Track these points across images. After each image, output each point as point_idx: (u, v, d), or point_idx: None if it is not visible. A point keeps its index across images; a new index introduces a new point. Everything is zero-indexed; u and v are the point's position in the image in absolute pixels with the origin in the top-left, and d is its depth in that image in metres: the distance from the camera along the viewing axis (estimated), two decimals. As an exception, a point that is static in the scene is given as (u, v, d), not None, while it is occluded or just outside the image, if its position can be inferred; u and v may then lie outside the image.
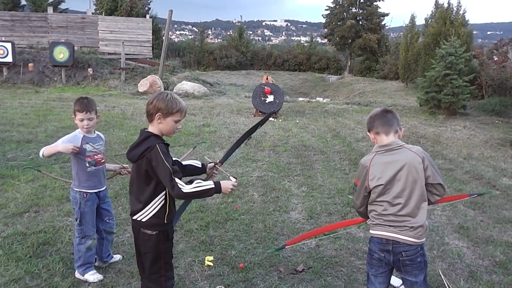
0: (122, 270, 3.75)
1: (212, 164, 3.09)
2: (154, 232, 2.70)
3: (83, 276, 3.55)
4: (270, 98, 12.10)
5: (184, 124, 10.08)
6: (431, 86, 13.09)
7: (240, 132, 4.54)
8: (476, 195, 4.42)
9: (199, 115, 11.83)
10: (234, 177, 2.75)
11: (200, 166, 3.06)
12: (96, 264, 3.78)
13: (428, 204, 2.70)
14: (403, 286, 3.48)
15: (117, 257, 3.94)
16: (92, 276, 3.55)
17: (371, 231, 2.75)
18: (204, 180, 2.68)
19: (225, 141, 8.77)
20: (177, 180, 2.54)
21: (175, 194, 2.55)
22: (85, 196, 3.51)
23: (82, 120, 3.47)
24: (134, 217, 2.73)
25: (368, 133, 2.84)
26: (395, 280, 3.59)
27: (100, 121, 10.10)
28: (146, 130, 2.73)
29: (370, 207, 2.75)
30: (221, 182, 2.66)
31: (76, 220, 3.57)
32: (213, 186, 2.61)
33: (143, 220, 2.69)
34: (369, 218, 2.86)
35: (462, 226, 5.03)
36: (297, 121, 11.73)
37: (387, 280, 2.79)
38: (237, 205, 5.34)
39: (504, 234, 4.88)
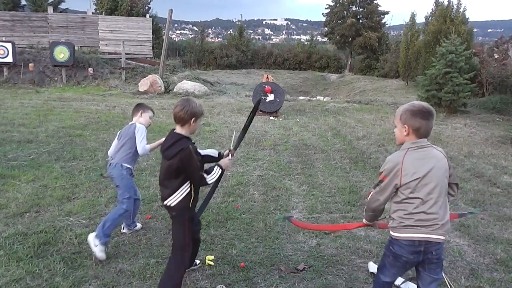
0: (123, 269, 3.75)
1: (227, 151, 3.53)
2: (180, 214, 3.22)
3: (96, 246, 3.84)
4: (271, 97, 12.10)
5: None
6: (432, 84, 13.08)
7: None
8: (466, 214, 4.24)
9: (200, 114, 11.82)
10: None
11: (216, 156, 3.54)
12: (125, 231, 4.41)
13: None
14: (405, 284, 3.50)
15: (138, 225, 4.56)
16: (101, 253, 3.85)
17: (397, 234, 2.68)
18: (213, 167, 3.28)
19: (225, 140, 8.77)
20: (204, 175, 3.19)
21: (202, 184, 3.20)
22: (131, 172, 4.14)
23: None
24: (165, 202, 3.22)
25: (403, 124, 2.71)
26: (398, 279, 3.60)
27: (100, 120, 10.15)
28: (176, 132, 3.21)
29: (397, 207, 2.70)
30: (220, 163, 3.32)
31: (123, 193, 4.06)
32: (221, 170, 3.28)
33: (172, 205, 3.19)
34: (375, 220, 2.92)
35: (463, 224, 5.03)
36: (298, 120, 11.73)
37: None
38: (238, 204, 5.34)
39: (505, 232, 4.88)
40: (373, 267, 3.83)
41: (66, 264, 3.76)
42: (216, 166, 3.26)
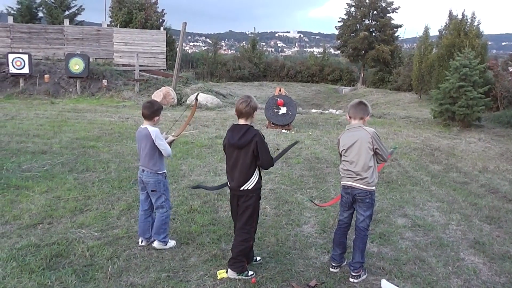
0: (134, 283, 3.73)
1: None
2: (255, 194, 3.80)
3: (166, 244, 4.38)
4: (283, 110, 12.10)
5: (197, 136, 10.14)
6: (445, 98, 12.99)
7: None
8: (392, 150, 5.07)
9: (212, 126, 11.86)
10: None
11: None
12: (144, 244, 4.45)
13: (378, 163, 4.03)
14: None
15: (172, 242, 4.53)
16: (172, 241, 4.47)
17: (340, 182, 4.11)
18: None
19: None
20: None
21: (271, 165, 3.77)
22: (165, 175, 4.40)
23: None
24: (242, 188, 3.75)
25: (347, 114, 4.07)
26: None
27: (114, 132, 10.23)
28: (241, 124, 3.75)
29: (340, 165, 4.10)
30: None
31: (160, 198, 4.34)
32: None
33: (250, 188, 3.75)
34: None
35: (478, 241, 4.95)
36: (310, 133, 11.70)
37: (350, 213, 4.15)
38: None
39: (521, 251, 4.78)
40: (385, 284, 3.77)
41: (78, 277, 3.77)
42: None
